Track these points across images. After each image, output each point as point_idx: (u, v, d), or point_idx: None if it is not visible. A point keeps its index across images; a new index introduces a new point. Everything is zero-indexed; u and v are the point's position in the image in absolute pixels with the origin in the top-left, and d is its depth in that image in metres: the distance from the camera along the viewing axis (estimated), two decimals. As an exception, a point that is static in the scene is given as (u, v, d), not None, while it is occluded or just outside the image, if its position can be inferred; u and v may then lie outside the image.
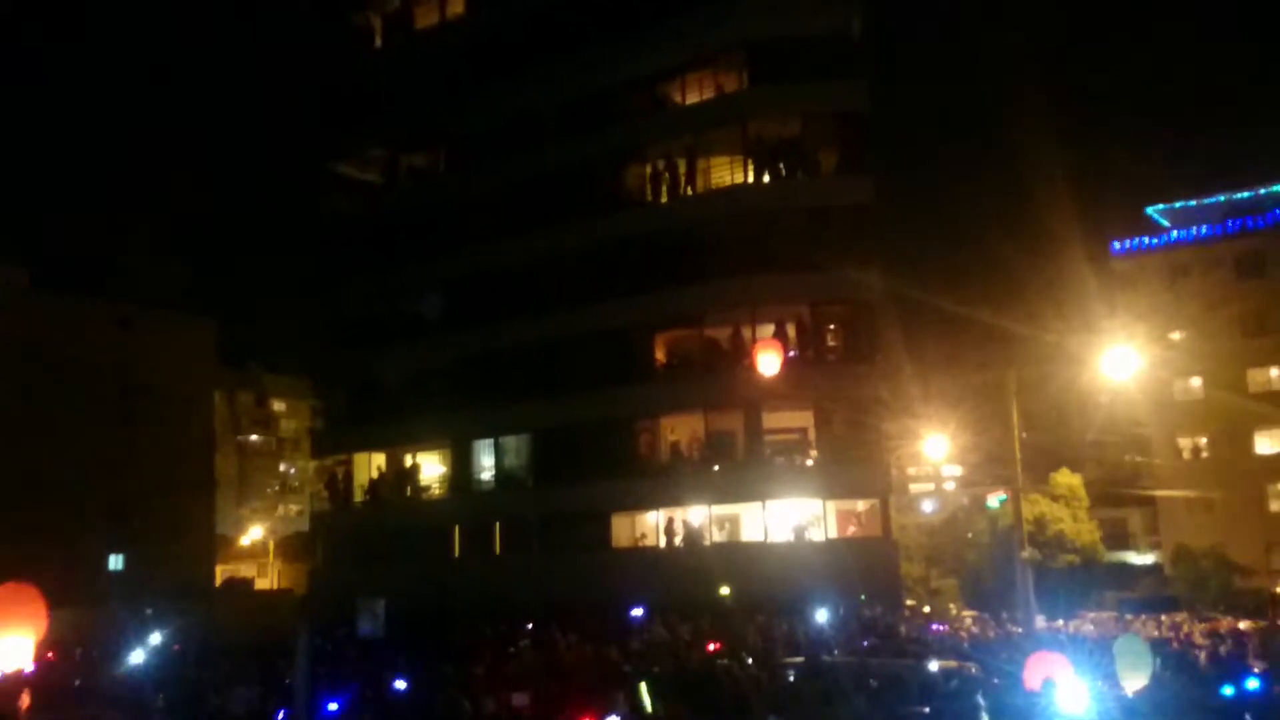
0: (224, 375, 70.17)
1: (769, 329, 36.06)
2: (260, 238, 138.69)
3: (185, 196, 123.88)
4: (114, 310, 53.39)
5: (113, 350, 52.27)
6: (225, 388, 76.18)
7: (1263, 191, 54.00)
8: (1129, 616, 36.07)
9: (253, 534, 72.83)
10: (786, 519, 35.18)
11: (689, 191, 38.22)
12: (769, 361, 27.70)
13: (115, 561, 51.98)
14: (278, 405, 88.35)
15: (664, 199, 38.65)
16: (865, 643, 22.34)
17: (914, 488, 58.26)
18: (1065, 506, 48.52)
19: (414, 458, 43.72)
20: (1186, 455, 54.51)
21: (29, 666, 9.67)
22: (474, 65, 42.36)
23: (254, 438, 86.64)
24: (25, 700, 10.07)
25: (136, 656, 20.91)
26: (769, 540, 35.00)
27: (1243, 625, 34.32)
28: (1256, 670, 16.56)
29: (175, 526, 52.35)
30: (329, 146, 46.89)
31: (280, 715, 13.51)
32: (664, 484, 36.67)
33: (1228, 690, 13.68)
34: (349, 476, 45.05)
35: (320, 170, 47.52)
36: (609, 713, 12.81)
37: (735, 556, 34.72)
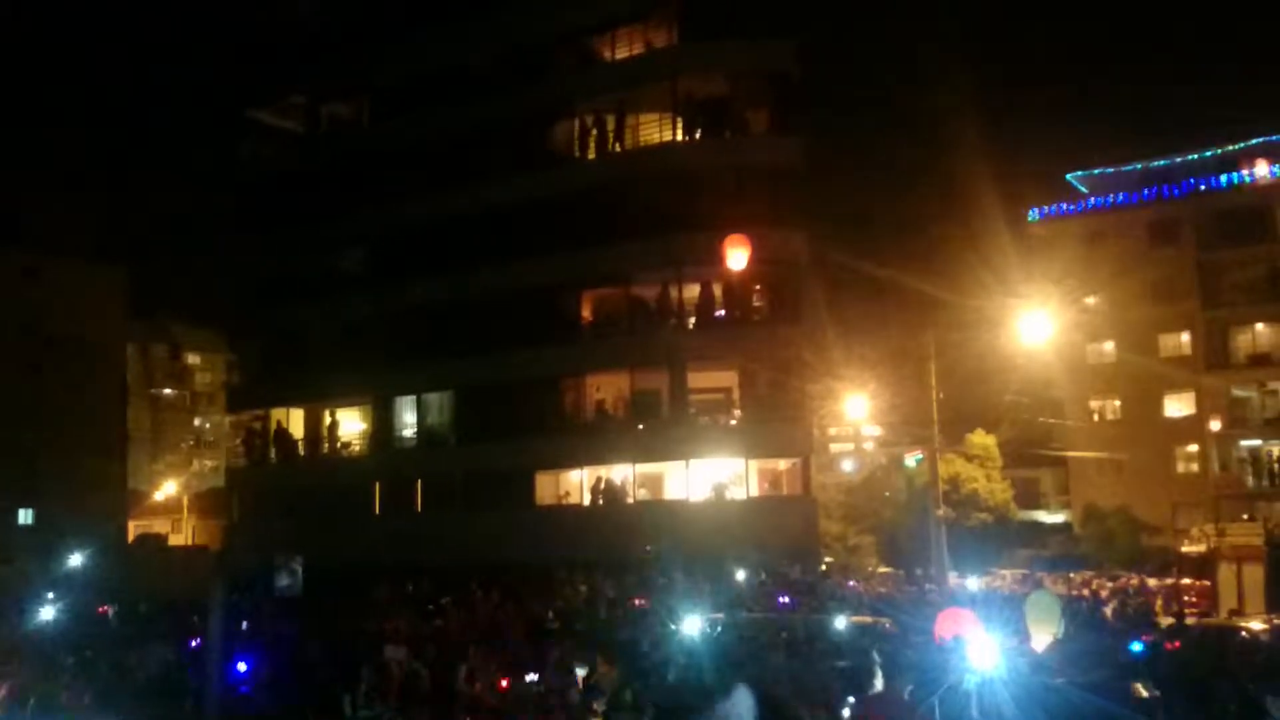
0: (137, 327, 68.36)
1: (695, 288, 36.14)
2: (177, 186, 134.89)
3: (96, 142, 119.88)
4: (19, 258, 51.67)
5: (19, 300, 50.64)
6: (138, 340, 74.24)
7: (1178, 160, 55.21)
8: (1040, 574, 37.09)
9: (167, 489, 71.26)
10: (710, 477, 35.43)
11: (618, 148, 37.94)
12: (738, 257, 28.02)
13: (24, 516, 50.72)
14: (192, 359, 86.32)
15: (592, 155, 38.33)
16: (783, 599, 22.68)
17: (834, 447, 58.99)
18: (979, 466, 49.57)
19: (333, 414, 43.12)
20: (1098, 417, 56.00)
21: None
22: (400, 13, 41.43)
23: (168, 391, 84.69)
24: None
25: (46, 613, 20.42)
26: (692, 499, 35.24)
27: (1150, 583, 35.57)
28: (1162, 625, 17.17)
29: (87, 481, 51.16)
30: (247, 92, 45.62)
31: (191, 673, 13.28)
32: (589, 442, 36.67)
33: (1136, 646, 14.10)
34: (266, 432, 44.31)
35: (238, 116, 46.26)
36: (531, 670, 12.83)
37: (659, 515, 34.91)
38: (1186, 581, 34.94)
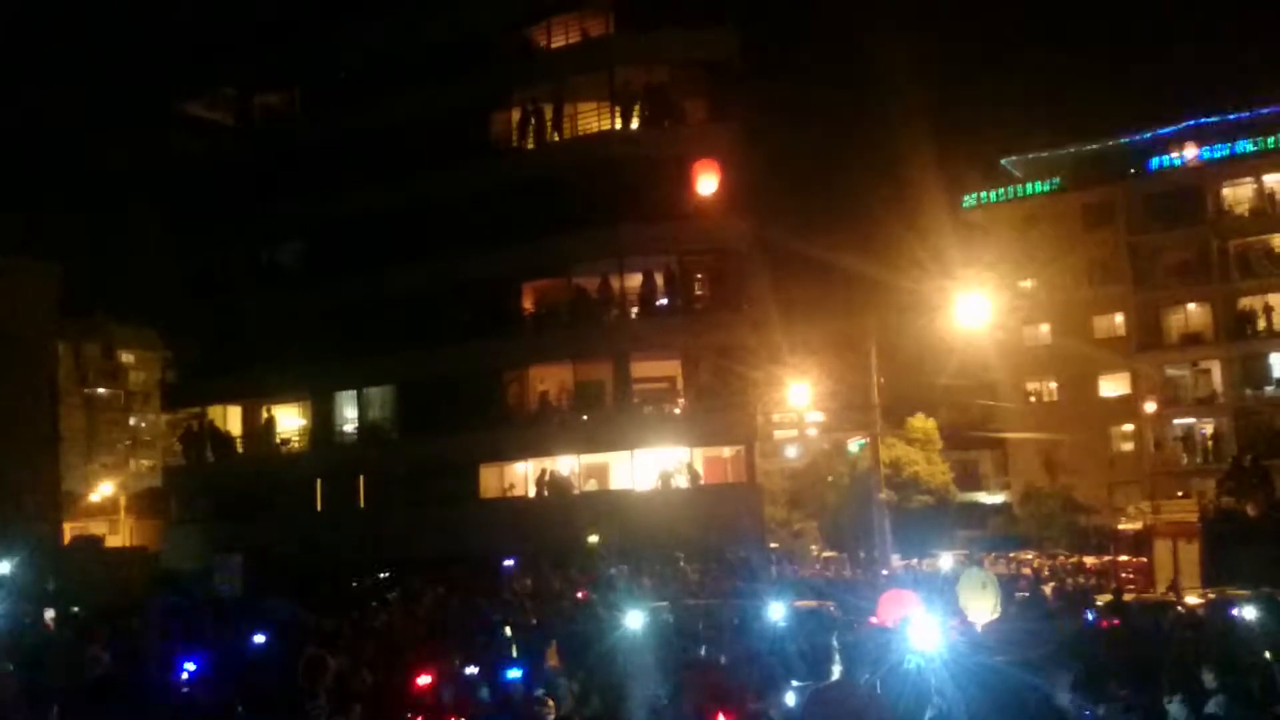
0: (68, 325, 66.84)
1: (637, 278, 36.11)
2: (106, 180, 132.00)
3: (23, 135, 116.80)
4: (-57, 256, 50.21)
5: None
6: (70, 338, 72.63)
7: (1110, 144, 56.18)
8: (980, 554, 37.64)
9: (103, 490, 69.88)
10: (655, 467, 35.47)
11: (556, 138, 37.73)
12: (707, 182, 28.19)
13: (-47, 520, 49.33)
14: (126, 357, 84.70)
15: (531, 145, 38.10)
16: (728, 585, 22.78)
17: (778, 434, 59.43)
18: (920, 450, 50.16)
19: (270, 411, 42.50)
20: (1035, 399, 56.92)
21: None
22: (333, 2, 40.83)
23: (101, 390, 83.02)
24: None
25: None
26: (637, 489, 35.25)
27: (1087, 561, 36.26)
28: (1099, 603, 17.47)
29: (18, 482, 49.90)
30: (176, 84, 44.70)
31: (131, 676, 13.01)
32: (533, 434, 36.52)
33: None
34: (203, 430, 43.56)
35: (167, 109, 45.32)
36: (475, 663, 12.72)
37: (604, 505, 34.87)
38: (1124, 559, 35.69)
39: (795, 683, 10.29)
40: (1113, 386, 55.16)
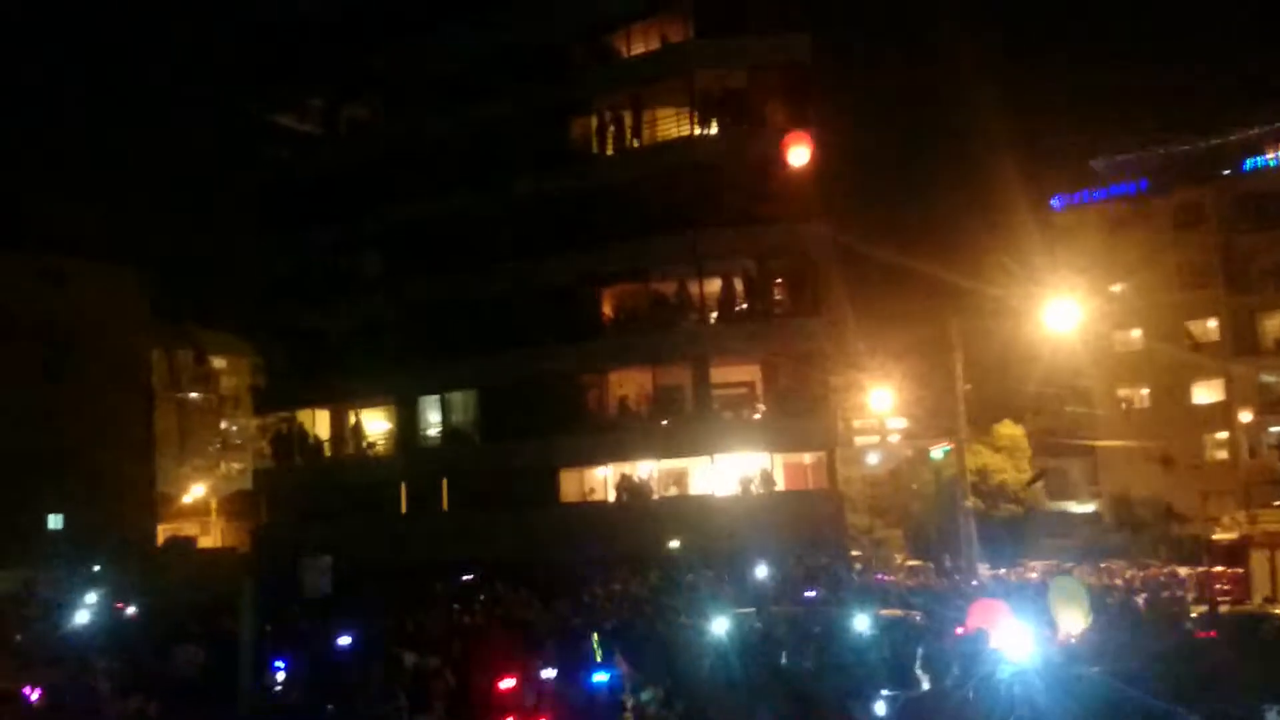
0: (161, 332, 68.74)
1: (716, 283, 36.06)
2: (196, 191, 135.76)
3: (117, 147, 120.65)
4: (40, 263, 51.83)
5: (41, 304, 50.82)
6: (163, 344, 74.64)
7: (1202, 144, 54.66)
8: (1069, 564, 36.82)
9: (195, 492, 71.70)
10: (735, 472, 35.33)
11: (635, 144, 37.89)
12: (799, 153, 28.07)
13: (55, 521, 51.04)
14: (218, 362, 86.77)
15: (609, 151, 38.28)
16: (811, 593, 22.56)
17: (859, 440, 58.76)
18: (1008, 457, 49.25)
19: (357, 414, 43.26)
20: (1126, 406, 55.53)
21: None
22: (417, 12, 41.45)
23: (194, 395, 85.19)
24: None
25: (80, 617, 20.58)
26: (717, 494, 35.15)
27: (1180, 572, 35.23)
28: (1193, 614, 16.96)
29: (115, 485, 51.41)
30: (267, 96, 45.80)
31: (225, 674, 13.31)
32: (612, 439, 36.64)
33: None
34: (292, 434, 44.49)
35: (259, 121, 46.45)
36: (558, 666, 12.77)
37: (683, 510, 34.85)
38: (1218, 570, 34.63)
39: (885, 691, 10.16)
40: (1206, 393, 53.55)
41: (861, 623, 14.13)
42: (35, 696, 11.51)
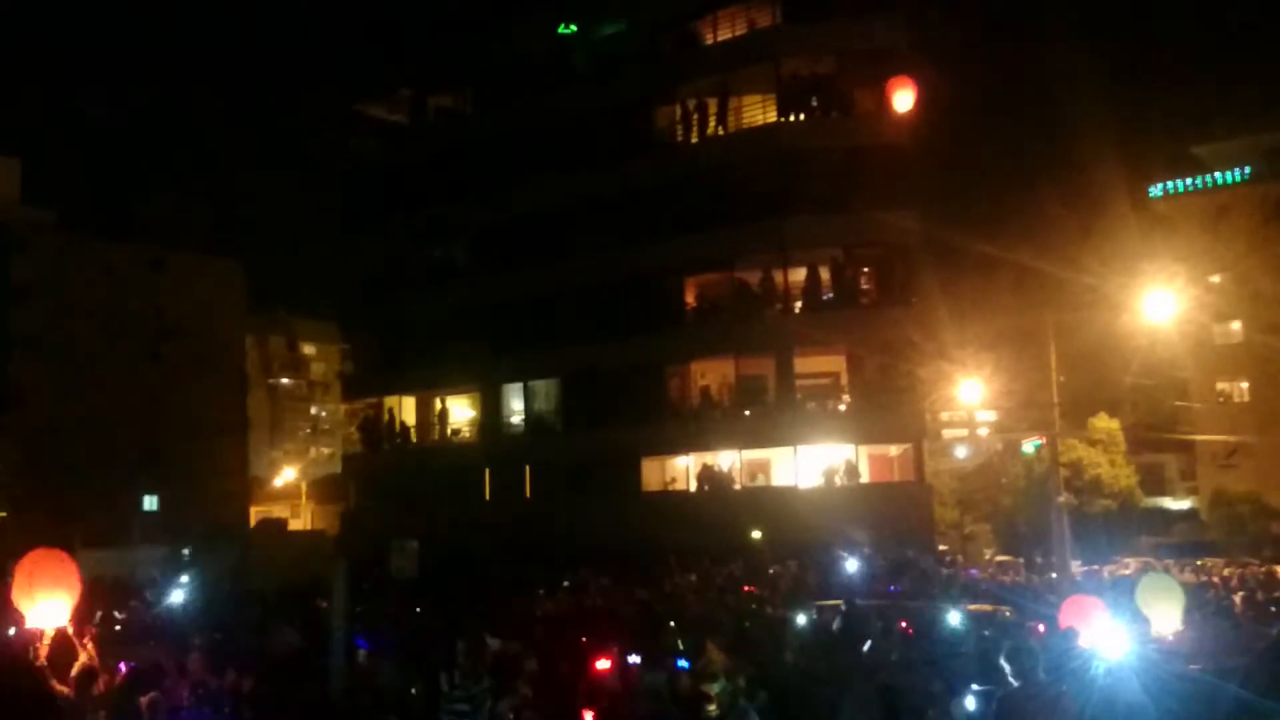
0: (254, 319, 70.52)
1: (801, 272, 35.71)
2: (286, 181, 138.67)
3: (211, 140, 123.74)
4: (144, 252, 53.49)
5: (144, 292, 52.48)
6: (255, 331, 76.59)
7: (1309, 131, 52.61)
8: (1165, 561, 35.80)
9: (285, 475, 73.52)
10: (818, 463, 35.01)
11: (720, 132, 37.66)
12: (903, 98, 27.89)
13: (150, 502, 52.63)
14: (308, 349, 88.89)
15: (695, 139, 38.12)
16: (898, 586, 22.26)
17: (947, 433, 57.79)
18: (1103, 451, 48.04)
19: (444, 401, 43.83)
20: (1225, 400, 53.77)
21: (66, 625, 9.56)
22: (502, 2, 41.76)
23: (285, 381, 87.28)
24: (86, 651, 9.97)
25: (175, 596, 21.15)
26: (800, 485, 34.87)
27: (1279, 570, 34.00)
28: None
29: (209, 468, 52.92)
30: (356, 87, 46.55)
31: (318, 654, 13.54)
32: (694, 429, 36.58)
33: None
34: (380, 420, 45.26)
35: (348, 111, 47.24)
36: (640, 653, 12.75)
37: (766, 501, 34.66)
38: (1322, 569, 33.33)
39: (975, 686, 9.95)
40: (1310, 387, 51.58)
41: (953, 618, 13.87)
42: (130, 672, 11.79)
